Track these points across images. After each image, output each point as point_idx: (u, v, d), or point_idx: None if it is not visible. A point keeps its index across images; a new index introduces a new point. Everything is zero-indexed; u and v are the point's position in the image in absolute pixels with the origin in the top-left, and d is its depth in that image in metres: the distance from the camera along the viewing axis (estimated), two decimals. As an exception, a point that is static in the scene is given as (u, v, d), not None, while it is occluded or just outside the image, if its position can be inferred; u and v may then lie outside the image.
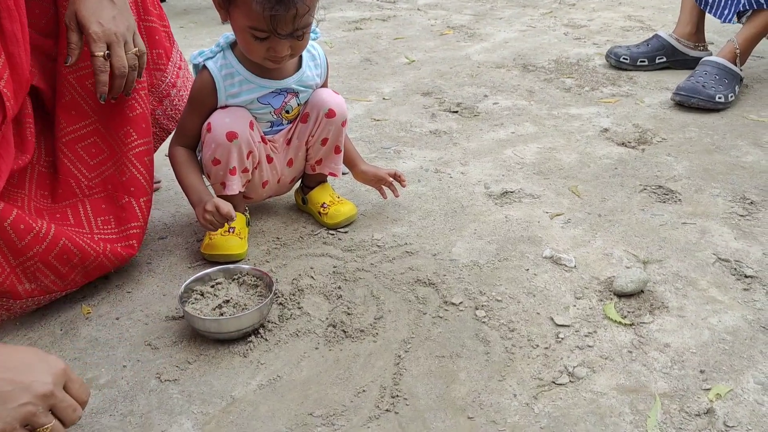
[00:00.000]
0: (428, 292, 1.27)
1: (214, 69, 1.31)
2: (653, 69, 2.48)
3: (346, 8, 3.60)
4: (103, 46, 1.10)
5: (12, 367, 0.82)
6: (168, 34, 1.41)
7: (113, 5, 1.12)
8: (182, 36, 3.11)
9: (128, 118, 1.25)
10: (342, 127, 1.43)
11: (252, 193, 1.47)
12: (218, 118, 1.31)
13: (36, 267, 1.12)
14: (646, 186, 1.65)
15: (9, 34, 1.01)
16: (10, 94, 1.01)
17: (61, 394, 0.85)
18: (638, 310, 1.21)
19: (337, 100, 1.41)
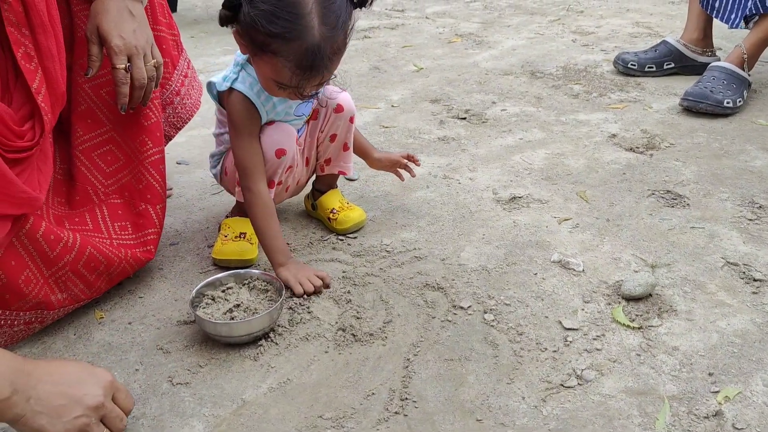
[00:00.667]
0: (437, 297, 1.27)
1: (245, 89, 1.28)
2: (661, 75, 2.49)
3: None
4: (125, 58, 1.13)
5: (64, 381, 0.86)
6: (176, 42, 1.43)
7: (133, 19, 1.15)
8: (193, 45, 3.15)
9: (143, 127, 1.27)
10: (350, 123, 1.44)
11: (276, 198, 1.49)
12: (268, 135, 1.31)
13: (67, 276, 1.14)
14: (654, 191, 1.66)
15: (45, 50, 1.03)
16: (48, 108, 1.04)
17: (110, 404, 0.89)
18: (646, 313, 1.21)
19: (344, 95, 1.43)
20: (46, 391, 0.84)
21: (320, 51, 1.13)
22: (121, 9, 1.13)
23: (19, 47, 1.01)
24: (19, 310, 1.09)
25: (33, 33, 1.02)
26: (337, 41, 1.16)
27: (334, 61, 1.19)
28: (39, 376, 0.85)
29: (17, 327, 1.11)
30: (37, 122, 1.04)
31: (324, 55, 1.14)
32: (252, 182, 1.30)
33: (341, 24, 1.15)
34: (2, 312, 1.07)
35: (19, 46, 1.01)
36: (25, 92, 1.02)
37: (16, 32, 1.00)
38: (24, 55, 1.01)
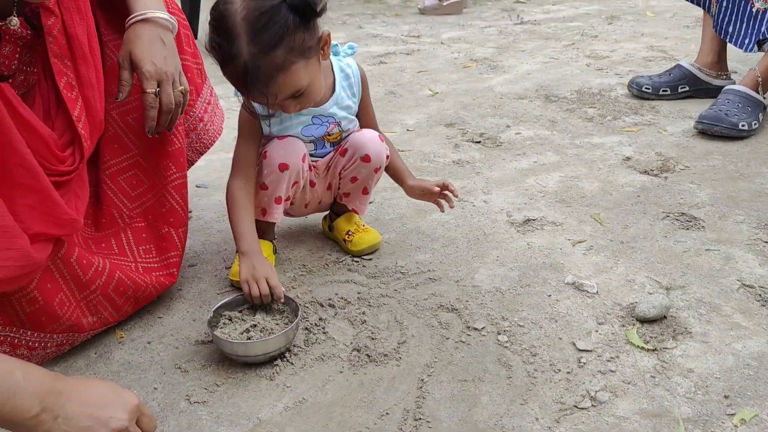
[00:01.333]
0: (451, 318, 1.28)
1: (256, 104, 1.35)
2: (676, 98, 2.50)
3: (371, 43, 3.69)
4: (155, 83, 1.17)
5: (92, 402, 0.87)
6: (200, 70, 1.48)
7: (164, 47, 1.19)
8: (212, 74, 3.21)
9: (167, 153, 1.31)
10: (374, 173, 1.45)
11: (295, 211, 1.53)
12: (275, 148, 1.36)
13: (97, 300, 1.18)
14: (668, 213, 1.66)
15: (85, 80, 1.08)
16: (87, 135, 1.09)
17: (134, 428, 0.90)
18: (661, 335, 1.21)
19: (377, 147, 1.42)
20: (74, 411, 0.86)
21: (251, 71, 1.16)
22: (154, 37, 1.18)
23: (62, 77, 1.05)
24: (52, 333, 1.13)
25: (75, 64, 1.07)
26: (273, 59, 1.16)
27: (276, 79, 1.18)
28: (69, 395, 0.86)
29: (49, 349, 1.15)
30: (77, 148, 1.08)
31: (256, 75, 1.17)
32: (231, 178, 1.39)
33: (276, 42, 1.15)
34: (37, 334, 1.11)
35: (62, 76, 1.06)
36: (66, 120, 1.07)
37: (60, 63, 1.05)
38: (66, 85, 1.06)
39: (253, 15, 1.14)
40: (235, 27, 1.15)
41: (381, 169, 1.46)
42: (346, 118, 1.43)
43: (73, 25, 1.08)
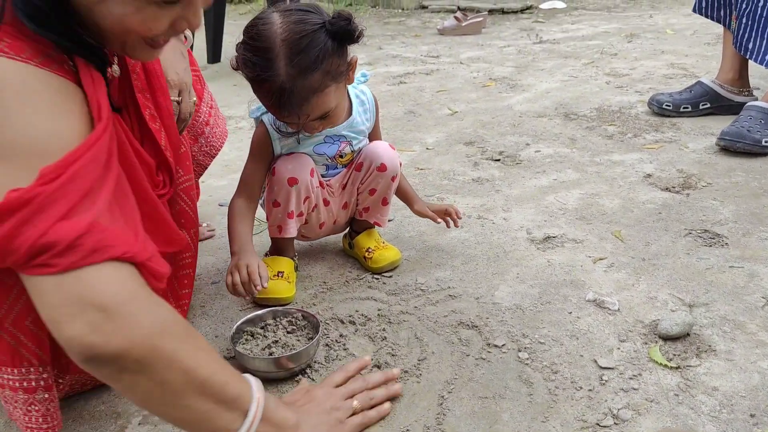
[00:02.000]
0: (471, 335, 1.28)
1: (269, 123, 1.39)
2: (697, 115, 2.49)
3: (390, 63, 3.73)
4: (177, 92, 1.22)
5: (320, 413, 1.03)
6: (199, 77, 1.52)
7: (184, 59, 1.25)
8: (235, 93, 3.28)
9: (177, 155, 1.35)
10: (392, 181, 1.48)
11: (309, 233, 1.54)
12: (282, 163, 1.39)
13: None
14: (691, 230, 1.65)
15: (164, 110, 1.14)
16: (173, 163, 1.15)
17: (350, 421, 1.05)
18: (684, 353, 1.20)
19: (391, 155, 1.45)
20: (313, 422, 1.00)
21: (287, 92, 1.19)
22: (175, 49, 1.24)
23: (145, 110, 1.11)
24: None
25: (153, 96, 1.12)
26: (309, 82, 1.19)
27: (310, 101, 1.22)
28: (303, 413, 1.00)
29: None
30: (164, 173, 1.13)
31: (292, 96, 1.19)
32: (235, 195, 1.44)
33: (314, 65, 1.18)
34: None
35: (146, 109, 1.11)
36: (153, 149, 1.11)
37: (142, 97, 1.10)
38: (150, 117, 1.11)
39: (294, 37, 1.17)
40: (274, 48, 1.17)
41: (397, 177, 1.48)
42: (356, 139, 1.45)
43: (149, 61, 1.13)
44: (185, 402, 0.83)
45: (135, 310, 0.78)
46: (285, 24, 1.18)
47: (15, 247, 0.75)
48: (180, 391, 0.82)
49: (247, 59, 1.20)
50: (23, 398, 0.96)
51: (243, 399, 0.88)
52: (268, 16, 1.21)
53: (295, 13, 1.20)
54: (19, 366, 0.94)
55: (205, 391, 0.83)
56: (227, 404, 0.86)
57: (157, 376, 0.80)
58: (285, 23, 1.18)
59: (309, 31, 1.18)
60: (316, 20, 1.20)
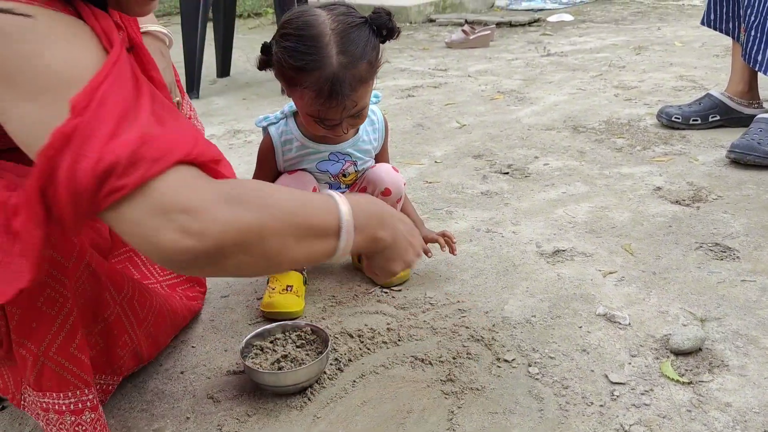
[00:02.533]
0: (481, 349, 1.28)
1: (275, 134, 1.41)
2: (706, 128, 2.48)
3: (399, 77, 3.75)
4: None
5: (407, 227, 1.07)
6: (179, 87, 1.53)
7: (164, 59, 1.25)
8: (244, 107, 3.30)
9: None
10: (397, 203, 1.48)
11: None
12: (283, 182, 1.40)
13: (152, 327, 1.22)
14: (702, 243, 1.64)
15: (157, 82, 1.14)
16: None
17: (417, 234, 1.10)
18: (696, 368, 1.19)
19: (395, 179, 1.46)
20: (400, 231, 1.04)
21: (338, 79, 1.20)
22: (154, 49, 1.23)
23: None
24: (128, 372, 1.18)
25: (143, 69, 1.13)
26: (359, 70, 1.22)
27: (358, 90, 1.24)
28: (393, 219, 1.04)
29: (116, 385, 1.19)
30: None
31: (343, 83, 1.21)
32: None
33: (362, 54, 1.22)
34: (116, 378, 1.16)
35: None
36: None
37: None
38: None
39: (344, 27, 1.21)
40: (324, 36, 1.19)
41: (402, 199, 1.49)
42: (361, 159, 1.46)
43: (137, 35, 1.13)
44: (288, 256, 0.87)
45: (213, 203, 0.78)
46: (332, 15, 1.22)
47: (79, 182, 0.73)
48: (280, 251, 0.85)
49: (293, 48, 1.21)
50: (70, 420, 0.98)
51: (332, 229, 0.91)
52: (310, 9, 1.24)
53: (338, 7, 1.25)
54: (65, 390, 0.97)
55: (300, 237, 0.87)
56: (321, 236, 0.90)
57: (257, 250, 0.82)
58: (332, 15, 1.22)
59: (357, 23, 1.22)
60: (359, 14, 1.25)
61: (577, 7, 6.09)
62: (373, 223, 0.98)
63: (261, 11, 6.40)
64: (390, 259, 1.05)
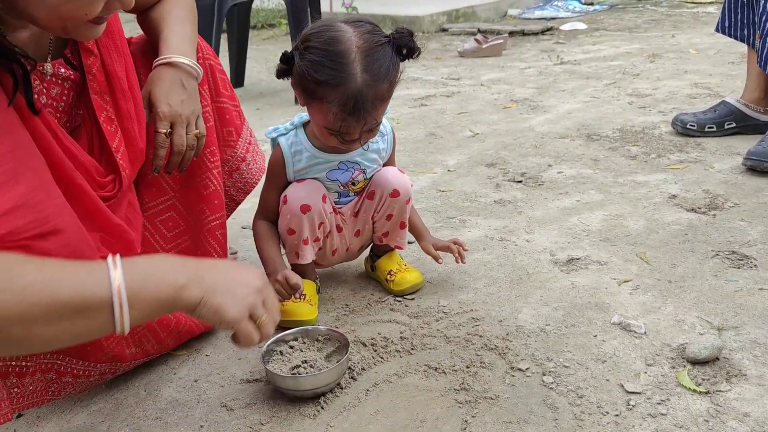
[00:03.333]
0: (494, 358, 1.27)
1: (285, 145, 1.42)
2: (722, 135, 2.46)
3: (411, 86, 3.76)
4: (167, 124, 1.20)
5: (227, 269, 0.94)
6: (239, 113, 1.53)
7: (184, 90, 1.23)
8: (258, 117, 3.32)
9: (202, 196, 1.35)
10: (406, 204, 1.48)
11: (322, 260, 1.54)
12: (294, 191, 1.41)
13: (142, 332, 1.22)
14: (718, 252, 1.62)
15: (124, 113, 1.15)
16: (126, 164, 1.15)
17: (269, 290, 0.96)
18: (714, 377, 1.17)
19: (401, 180, 1.46)
20: (214, 276, 0.90)
21: (362, 96, 1.21)
22: (174, 80, 1.22)
23: (101, 112, 1.12)
24: (96, 362, 1.16)
25: (114, 98, 1.14)
26: (381, 89, 1.24)
27: (378, 108, 1.26)
28: (204, 267, 0.91)
29: (93, 377, 1.18)
30: (117, 177, 1.14)
31: (366, 101, 1.22)
32: (256, 217, 1.50)
33: (385, 73, 1.24)
34: (83, 363, 1.14)
35: (102, 111, 1.12)
36: (108, 151, 1.13)
37: (99, 99, 1.12)
38: (106, 119, 1.13)
39: (369, 45, 1.23)
40: (350, 53, 1.21)
41: (411, 199, 1.49)
42: (370, 168, 1.46)
43: (112, 63, 1.14)
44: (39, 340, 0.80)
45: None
46: (359, 33, 1.24)
47: None
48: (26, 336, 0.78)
49: (318, 62, 1.22)
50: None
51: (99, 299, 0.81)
52: (335, 25, 1.26)
53: (364, 24, 1.27)
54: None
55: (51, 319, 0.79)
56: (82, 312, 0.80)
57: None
58: (358, 32, 1.24)
59: (382, 42, 1.25)
60: (383, 33, 1.27)
61: (590, 16, 6.08)
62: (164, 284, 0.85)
63: (275, 22, 6.45)
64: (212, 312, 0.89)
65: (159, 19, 1.28)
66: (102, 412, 1.20)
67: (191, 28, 1.31)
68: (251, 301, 0.92)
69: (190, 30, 1.30)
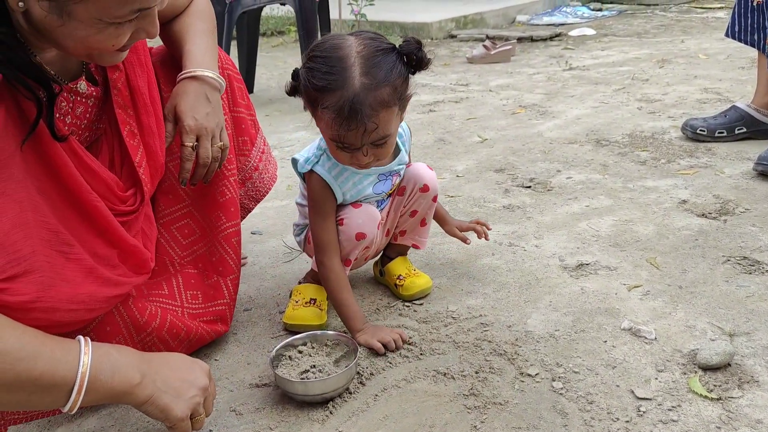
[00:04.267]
0: (504, 363, 1.27)
1: (323, 172, 1.37)
2: (732, 140, 2.44)
3: (420, 92, 3.76)
4: (193, 137, 1.22)
5: (178, 367, 1.04)
6: (254, 121, 1.54)
7: (208, 103, 1.25)
8: (268, 123, 3.34)
9: (218, 203, 1.36)
10: (433, 201, 1.49)
11: (356, 264, 1.53)
12: (351, 216, 1.37)
13: (153, 342, 1.22)
14: (729, 257, 1.61)
15: (146, 128, 1.16)
16: (147, 179, 1.17)
17: (212, 387, 1.08)
18: (725, 383, 1.16)
19: (431, 175, 1.48)
20: (167, 375, 1.02)
21: (359, 100, 1.19)
22: (199, 93, 1.24)
23: (125, 126, 1.14)
24: None
25: (137, 113, 1.15)
26: (381, 93, 1.21)
27: (379, 113, 1.21)
28: (158, 364, 1.02)
29: None
30: (138, 191, 1.15)
31: (363, 105, 1.19)
32: (326, 258, 1.38)
33: (386, 78, 1.21)
34: None
35: (125, 125, 1.14)
36: (130, 165, 1.14)
37: (123, 113, 1.14)
38: (129, 133, 1.14)
39: (369, 51, 1.22)
40: (349, 58, 1.20)
41: (437, 198, 1.50)
42: (401, 168, 1.47)
43: (135, 78, 1.16)
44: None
45: None
46: (360, 40, 1.23)
47: None
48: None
49: (318, 69, 1.21)
50: None
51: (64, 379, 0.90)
52: (339, 35, 1.26)
53: (367, 33, 1.27)
54: None
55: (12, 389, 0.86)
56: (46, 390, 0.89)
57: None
58: (360, 40, 1.23)
59: (384, 48, 1.24)
60: (388, 42, 1.26)
61: (599, 21, 6.07)
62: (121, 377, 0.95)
63: (284, 29, 6.48)
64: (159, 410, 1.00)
65: (181, 32, 1.29)
66: (112, 416, 1.21)
67: (212, 41, 1.33)
68: (196, 401, 1.03)
69: (211, 42, 1.32)
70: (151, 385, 0.98)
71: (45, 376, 0.88)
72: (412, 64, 1.26)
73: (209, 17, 1.35)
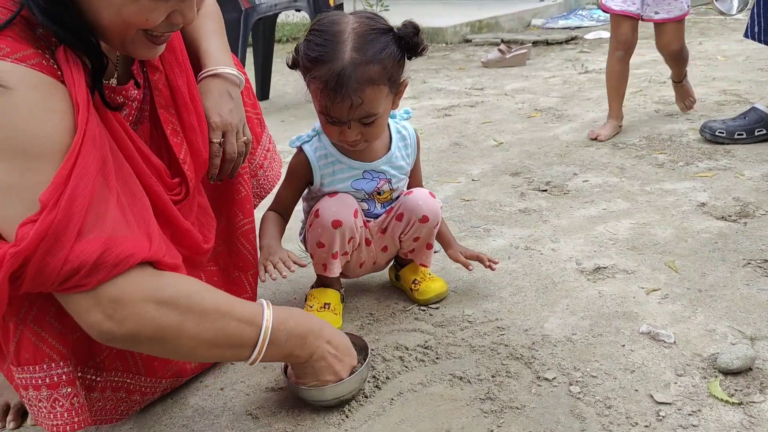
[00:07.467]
0: (520, 368, 1.26)
1: (310, 152, 1.42)
2: (752, 142, 2.41)
3: (435, 96, 3.76)
4: (220, 134, 1.24)
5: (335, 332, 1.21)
6: (260, 120, 1.55)
7: (232, 100, 1.27)
8: (282, 129, 3.36)
9: (235, 200, 1.37)
10: (434, 228, 1.48)
11: (349, 272, 1.54)
12: (326, 205, 1.39)
13: None
14: (750, 260, 1.59)
15: (188, 125, 1.18)
16: (192, 175, 1.19)
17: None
18: (747, 388, 1.14)
19: (432, 206, 1.45)
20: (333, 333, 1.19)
21: (345, 72, 1.21)
22: (222, 91, 1.26)
23: (168, 125, 1.16)
24: (162, 378, 1.20)
25: (178, 112, 1.17)
26: (368, 70, 1.23)
27: (365, 89, 1.23)
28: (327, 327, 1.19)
29: (157, 393, 1.21)
30: (183, 184, 1.17)
31: (350, 79, 1.21)
32: (269, 208, 1.50)
33: (375, 56, 1.23)
34: (150, 380, 1.17)
35: (168, 124, 1.16)
36: (174, 161, 1.17)
37: (165, 113, 1.16)
38: (172, 131, 1.16)
39: (365, 29, 1.25)
40: (344, 33, 1.24)
41: (439, 223, 1.48)
42: (396, 177, 1.45)
43: (175, 78, 1.18)
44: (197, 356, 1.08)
45: (142, 301, 0.92)
46: (358, 18, 1.27)
47: (46, 278, 0.85)
48: (191, 352, 1.01)
49: (313, 41, 1.26)
50: (47, 395, 0.99)
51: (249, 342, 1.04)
52: (341, 12, 1.29)
53: (367, 13, 1.30)
54: (41, 363, 0.98)
55: (214, 345, 1.00)
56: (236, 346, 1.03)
57: (169, 346, 0.98)
58: (358, 18, 1.28)
59: (379, 28, 1.26)
60: (387, 24, 1.29)
61: (615, 24, 6.03)
62: (293, 342, 1.10)
63: (299, 36, 6.53)
64: (303, 374, 1.16)
65: (194, 32, 1.31)
66: (129, 419, 1.22)
67: (224, 40, 1.35)
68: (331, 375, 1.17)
69: (224, 42, 1.34)
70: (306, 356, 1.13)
71: (234, 336, 1.01)
72: (407, 48, 1.28)
73: (219, 18, 1.38)
